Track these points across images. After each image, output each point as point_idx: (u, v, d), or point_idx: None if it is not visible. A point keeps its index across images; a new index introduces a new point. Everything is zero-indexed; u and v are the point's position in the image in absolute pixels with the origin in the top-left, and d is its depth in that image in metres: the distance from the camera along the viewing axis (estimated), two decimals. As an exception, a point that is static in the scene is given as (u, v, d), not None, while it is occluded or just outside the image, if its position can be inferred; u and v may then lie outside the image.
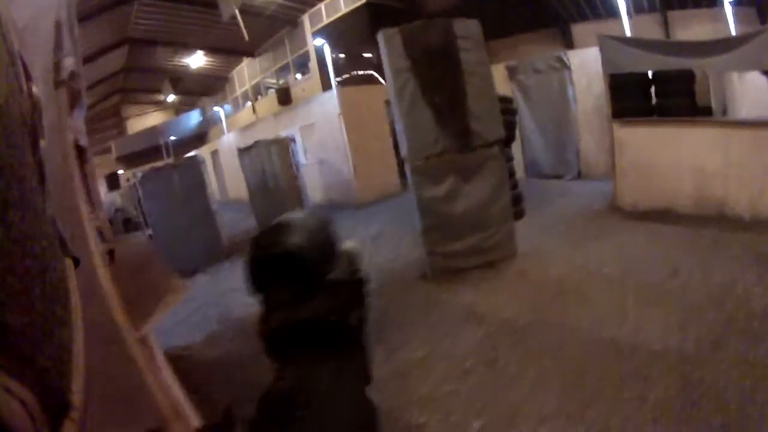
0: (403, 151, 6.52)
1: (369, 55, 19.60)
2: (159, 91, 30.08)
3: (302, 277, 0.96)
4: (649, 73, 7.45)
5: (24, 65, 0.68)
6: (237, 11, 17.95)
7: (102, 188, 19.67)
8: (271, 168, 12.20)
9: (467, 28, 6.21)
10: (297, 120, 15.62)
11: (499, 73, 11.79)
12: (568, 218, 8.19)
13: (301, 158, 14.30)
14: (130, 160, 28.76)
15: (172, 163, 12.25)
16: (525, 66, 11.48)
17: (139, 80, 29.31)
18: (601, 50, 7.72)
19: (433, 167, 6.36)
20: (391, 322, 5.35)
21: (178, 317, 7.67)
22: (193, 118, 31.90)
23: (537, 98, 11.42)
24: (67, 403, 0.56)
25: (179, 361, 5.65)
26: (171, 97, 30.71)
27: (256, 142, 13.05)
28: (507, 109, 9.30)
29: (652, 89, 7.47)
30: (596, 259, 6.06)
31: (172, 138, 30.23)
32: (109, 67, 24.15)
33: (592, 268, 5.81)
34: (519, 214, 8.30)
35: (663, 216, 7.29)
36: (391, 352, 4.72)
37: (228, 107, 28.58)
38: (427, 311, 5.59)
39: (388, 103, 12.65)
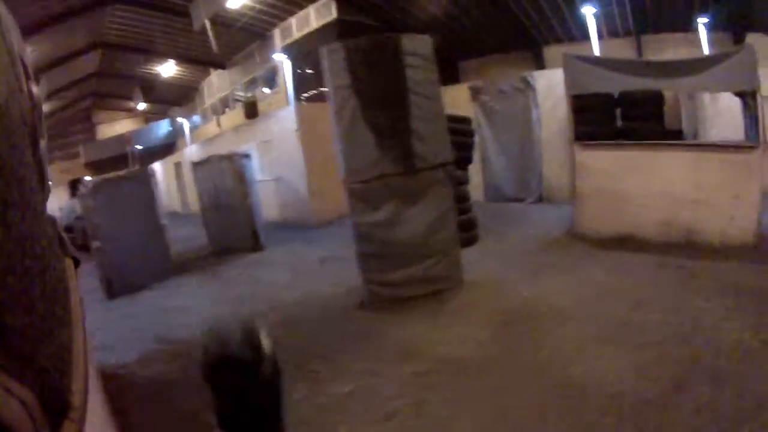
0: (341, 172, 6.00)
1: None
2: (130, 98, 29.51)
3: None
4: (615, 95, 7.02)
5: (24, 65, 0.66)
6: (207, 21, 17.52)
7: (65, 194, 19.06)
8: (223, 184, 11.64)
9: (417, 44, 5.67)
10: (257, 135, 14.95)
11: (462, 93, 11.41)
12: (524, 245, 7.66)
13: (258, 175, 13.71)
14: (98, 166, 27.80)
15: (123, 174, 11.60)
16: (489, 87, 11.03)
17: (111, 86, 28.77)
18: (565, 70, 7.26)
19: (372, 191, 5.81)
20: (321, 353, 4.91)
21: (119, 333, 7.59)
22: (162, 127, 31.18)
23: (500, 120, 10.95)
24: (67, 403, 0.53)
25: (112, 380, 5.55)
26: (141, 105, 30.13)
27: (209, 157, 12.47)
28: (464, 130, 8.89)
29: (618, 111, 7.05)
30: (551, 289, 5.51)
31: (140, 147, 29.41)
32: (81, 70, 23.54)
33: (545, 299, 5.25)
34: (471, 240, 7.84)
35: (626, 243, 6.84)
36: (315, 383, 4.30)
37: (197, 118, 27.94)
38: (361, 343, 5.07)
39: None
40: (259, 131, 14.97)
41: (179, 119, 28.63)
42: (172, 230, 18.24)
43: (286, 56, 18.78)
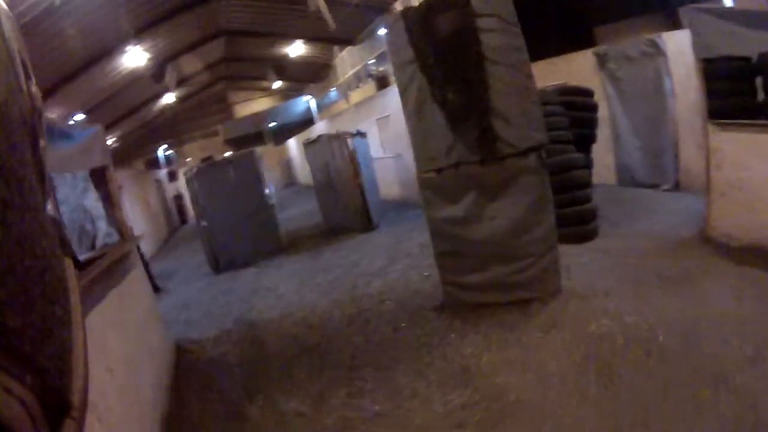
0: (415, 161, 5.25)
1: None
2: (264, 77, 30.66)
3: None
4: (754, 58, 5.33)
5: (24, 65, 0.64)
6: (321, 2, 17.39)
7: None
8: (334, 163, 11.44)
9: (491, 4, 4.58)
10: (375, 111, 14.40)
11: (588, 60, 9.89)
12: (646, 245, 6.25)
13: (376, 152, 13.31)
14: (236, 143, 29.47)
15: (228, 158, 11.98)
16: (615, 52, 9.28)
17: (243, 68, 30.06)
18: (691, 28, 5.69)
19: (447, 182, 4.97)
20: (375, 359, 4.68)
21: (208, 309, 8.05)
22: (299, 104, 31.95)
23: (630, 91, 9.18)
24: (67, 403, 0.54)
25: (184, 354, 5.95)
26: (276, 84, 31.13)
27: (318, 136, 12.26)
28: (584, 103, 7.64)
29: (760, 81, 5.34)
30: (658, 315, 4.24)
31: (277, 123, 30.59)
32: (210, 57, 24.89)
33: (650, 330, 4.03)
34: (588, 235, 6.72)
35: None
36: (354, 395, 4.12)
37: (334, 94, 28.13)
38: (419, 353, 4.61)
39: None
40: (376, 108, 14.37)
41: (306, 97, 29.21)
42: (297, 206, 19.00)
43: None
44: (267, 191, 10.87)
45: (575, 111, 7.28)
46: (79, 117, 18.38)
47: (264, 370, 5.09)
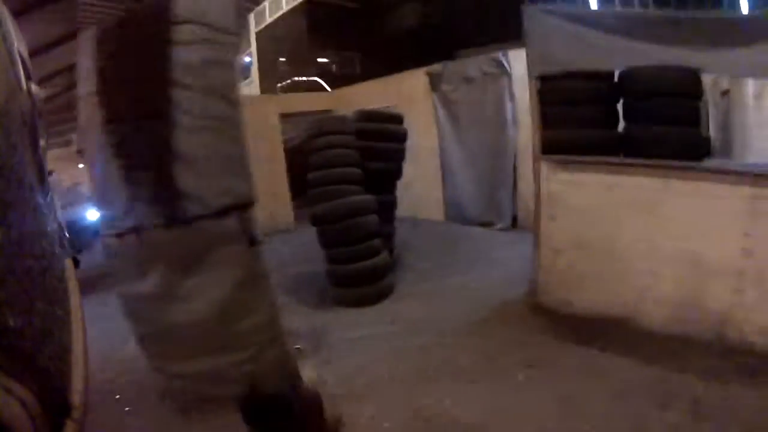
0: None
1: (324, 60, 16.47)
2: None
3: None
4: (616, 73, 3.83)
5: (24, 65, 0.66)
6: None
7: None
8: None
9: (203, 6, 2.58)
10: None
11: (420, 81, 8.28)
12: (455, 309, 4.73)
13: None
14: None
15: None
16: (451, 72, 7.79)
17: None
18: (527, 32, 4.04)
19: (131, 250, 2.88)
20: None
21: None
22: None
23: (465, 117, 7.71)
24: (67, 403, 0.54)
25: None
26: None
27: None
28: (389, 132, 5.86)
29: (620, 104, 3.87)
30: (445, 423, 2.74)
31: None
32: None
33: None
34: (378, 296, 5.27)
35: (613, 333, 3.76)
36: None
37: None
38: None
39: (283, 117, 9.23)
40: None
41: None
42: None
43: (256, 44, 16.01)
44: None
45: (375, 141, 5.51)
46: None
47: None
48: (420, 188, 8.58)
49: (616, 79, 3.81)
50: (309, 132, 5.57)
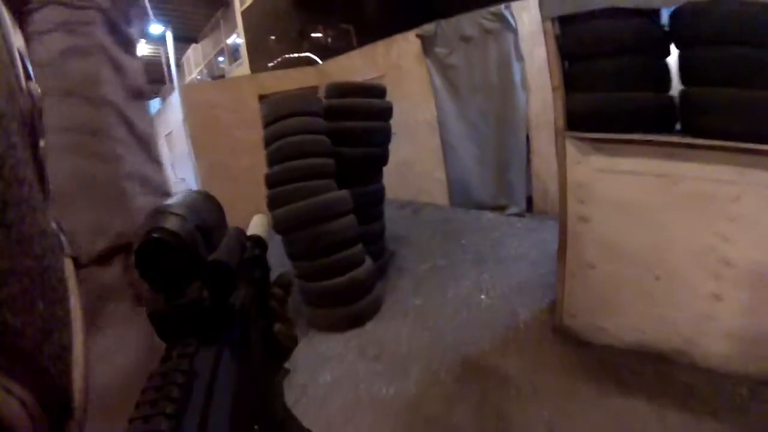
0: None
1: (317, 35, 15.24)
2: None
3: (177, 262, 0.42)
4: (665, 15, 2.55)
5: (24, 64, 0.50)
6: None
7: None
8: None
9: None
10: (169, 125, 10.38)
11: (411, 45, 6.99)
12: (452, 339, 3.58)
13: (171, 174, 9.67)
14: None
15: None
16: (446, 32, 6.48)
17: None
18: None
19: None
20: None
21: None
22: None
23: (465, 84, 6.44)
24: (67, 403, 0.42)
25: None
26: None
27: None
28: (371, 108, 4.66)
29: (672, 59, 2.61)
30: None
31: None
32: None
33: None
34: (356, 320, 4.02)
35: (662, 371, 2.74)
36: None
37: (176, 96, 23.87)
38: None
39: (263, 98, 8.03)
40: (169, 121, 10.20)
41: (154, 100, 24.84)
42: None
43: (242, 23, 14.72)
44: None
45: (351, 120, 4.31)
46: None
47: None
48: (420, 169, 7.38)
49: (666, 20, 2.56)
50: (264, 116, 4.40)
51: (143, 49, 21.23)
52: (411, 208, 7.41)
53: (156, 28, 16.14)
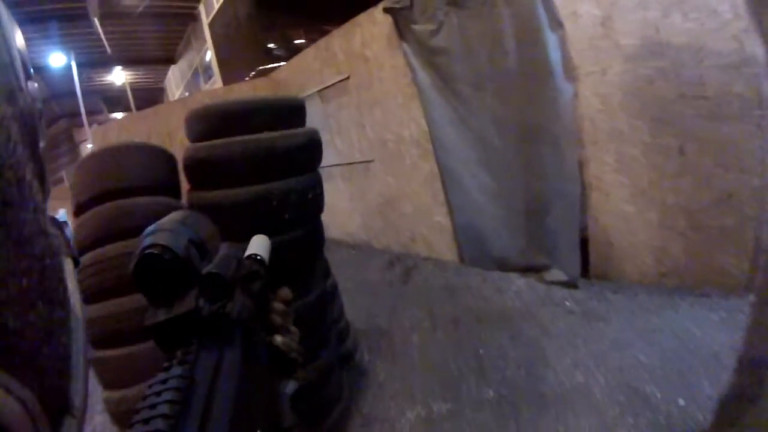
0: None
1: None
2: (100, 111, 24.24)
3: (173, 275, 0.45)
4: None
5: (24, 64, 0.51)
6: (96, 21, 12.10)
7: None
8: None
9: None
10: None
11: (378, 27, 4.53)
12: None
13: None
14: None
15: None
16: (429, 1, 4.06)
17: (74, 106, 23.59)
18: None
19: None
20: None
21: None
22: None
23: (465, 76, 3.87)
24: (67, 403, 0.42)
25: None
26: (117, 115, 24.87)
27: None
28: (255, 152, 2.19)
29: None
30: None
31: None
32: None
33: None
34: None
35: None
36: None
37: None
38: None
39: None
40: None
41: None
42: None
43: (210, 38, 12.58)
44: None
45: (228, 185, 1.89)
46: None
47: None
48: (410, 208, 4.93)
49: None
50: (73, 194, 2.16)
51: (120, 77, 19.27)
52: (400, 266, 4.94)
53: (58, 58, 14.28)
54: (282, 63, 11.14)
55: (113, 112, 23.44)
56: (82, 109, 13.46)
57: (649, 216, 3.20)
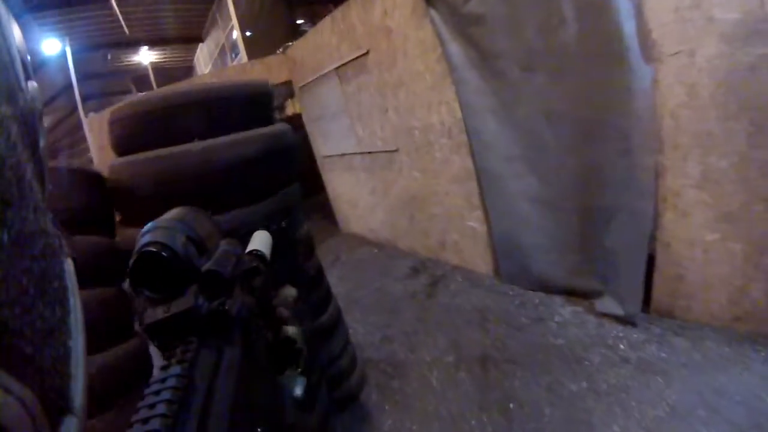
0: None
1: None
2: (128, 91, 24.17)
3: (171, 272, 0.46)
4: None
5: (24, 64, 0.52)
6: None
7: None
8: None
9: None
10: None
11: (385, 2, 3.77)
12: None
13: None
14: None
15: None
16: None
17: (102, 86, 23.51)
18: None
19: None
20: None
21: None
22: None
23: (510, 54, 3.09)
24: (68, 403, 0.42)
25: None
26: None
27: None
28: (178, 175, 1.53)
29: None
30: None
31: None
32: (61, 82, 18.47)
33: None
34: None
35: None
36: None
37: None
38: None
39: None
40: None
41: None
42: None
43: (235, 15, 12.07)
44: None
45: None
46: None
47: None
48: (440, 209, 4.24)
49: None
50: None
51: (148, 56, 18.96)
52: (426, 275, 4.28)
53: (53, 44, 13.92)
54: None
55: (142, 91, 23.31)
56: (77, 96, 12.95)
57: (734, 247, 2.42)
